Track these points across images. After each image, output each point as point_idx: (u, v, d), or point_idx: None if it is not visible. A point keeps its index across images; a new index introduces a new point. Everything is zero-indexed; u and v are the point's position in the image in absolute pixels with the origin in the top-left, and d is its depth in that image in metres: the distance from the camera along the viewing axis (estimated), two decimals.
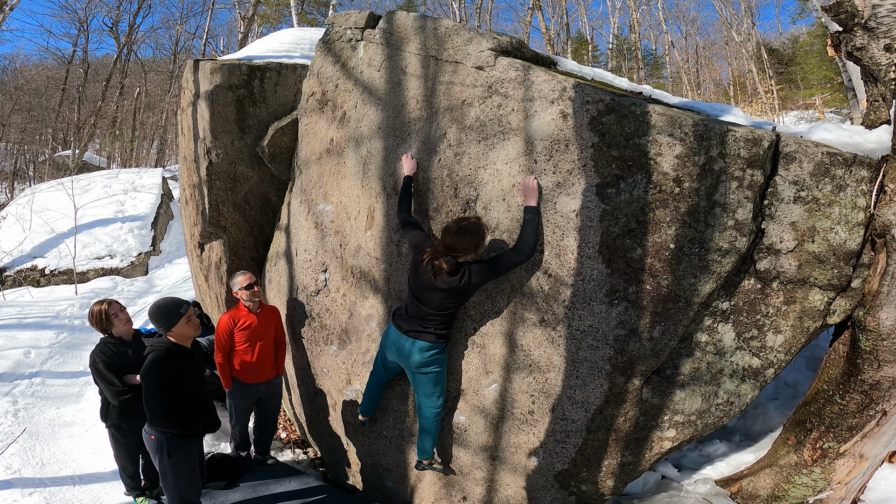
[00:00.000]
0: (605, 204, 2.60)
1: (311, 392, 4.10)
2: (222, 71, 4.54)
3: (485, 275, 2.75)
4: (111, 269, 9.42)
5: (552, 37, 23.30)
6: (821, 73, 21.59)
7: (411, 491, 3.54)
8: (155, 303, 2.99)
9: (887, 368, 2.43)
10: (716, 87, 30.58)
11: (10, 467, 4.17)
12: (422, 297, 2.89)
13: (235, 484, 3.82)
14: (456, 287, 2.77)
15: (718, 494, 3.00)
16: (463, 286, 2.76)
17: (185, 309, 2.96)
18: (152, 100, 27.15)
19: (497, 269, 2.74)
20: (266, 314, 3.88)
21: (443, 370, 3.03)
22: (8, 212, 11.12)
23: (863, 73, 2.83)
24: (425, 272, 2.81)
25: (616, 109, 2.57)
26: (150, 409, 2.87)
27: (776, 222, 2.51)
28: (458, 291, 2.79)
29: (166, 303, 2.97)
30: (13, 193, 19.16)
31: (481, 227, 2.75)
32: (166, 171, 17.58)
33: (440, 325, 2.91)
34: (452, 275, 2.74)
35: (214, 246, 4.99)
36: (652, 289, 2.59)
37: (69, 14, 26.65)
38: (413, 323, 2.94)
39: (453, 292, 2.80)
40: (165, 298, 3.02)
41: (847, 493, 2.79)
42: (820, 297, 2.53)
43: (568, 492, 3.01)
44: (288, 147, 4.53)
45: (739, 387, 2.69)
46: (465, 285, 2.76)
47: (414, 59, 3.18)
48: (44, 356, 6.20)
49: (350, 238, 3.57)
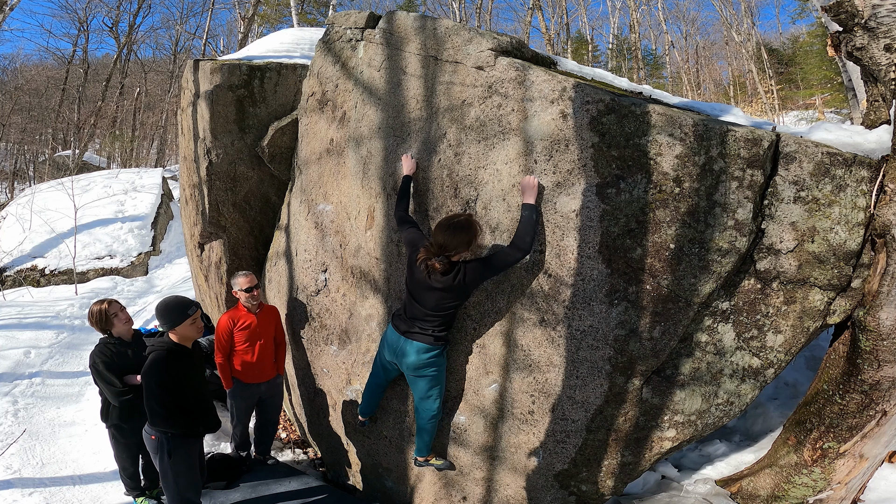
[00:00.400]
0: (605, 204, 2.60)
1: (311, 392, 4.10)
2: (222, 71, 4.54)
3: (480, 273, 2.73)
4: (111, 269, 9.42)
5: (552, 37, 23.29)
6: (821, 73, 21.59)
7: (411, 491, 3.54)
8: (164, 299, 2.99)
9: (887, 368, 2.43)
10: (716, 87, 30.57)
11: (10, 467, 4.18)
12: (419, 297, 2.88)
13: (235, 484, 3.82)
14: (451, 286, 2.75)
15: (718, 494, 3.00)
16: (457, 285, 2.74)
17: (192, 311, 2.97)
18: (152, 100, 27.15)
19: (493, 267, 2.72)
20: (266, 314, 3.88)
21: (441, 373, 3.01)
22: (8, 212, 11.13)
23: (863, 73, 2.83)
24: (420, 271, 2.81)
25: (616, 109, 2.57)
26: (150, 409, 2.87)
27: (776, 222, 2.51)
28: (453, 290, 2.78)
29: (177, 302, 2.97)
30: (13, 193, 19.16)
31: (473, 223, 2.73)
32: (166, 171, 17.58)
33: (438, 326, 2.90)
34: (446, 273, 2.73)
35: (214, 246, 4.99)
36: (652, 289, 2.59)
37: (69, 14, 26.67)
38: (411, 324, 2.93)
39: (449, 291, 2.78)
40: (176, 297, 3.02)
41: (847, 493, 2.78)
42: (820, 297, 2.53)
43: (568, 492, 3.01)
44: (288, 147, 4.53)
45: (739, 387, 2.69)
46: (459, 284, 2.74)
47: (414, 59, 3.18)
48: (44, 356, 6.20)
49: (350, 238, 3.57)
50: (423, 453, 3.20)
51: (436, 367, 2.97)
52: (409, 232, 2.96)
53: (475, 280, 2.76)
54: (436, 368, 2.97)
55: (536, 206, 2.67)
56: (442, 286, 2.77)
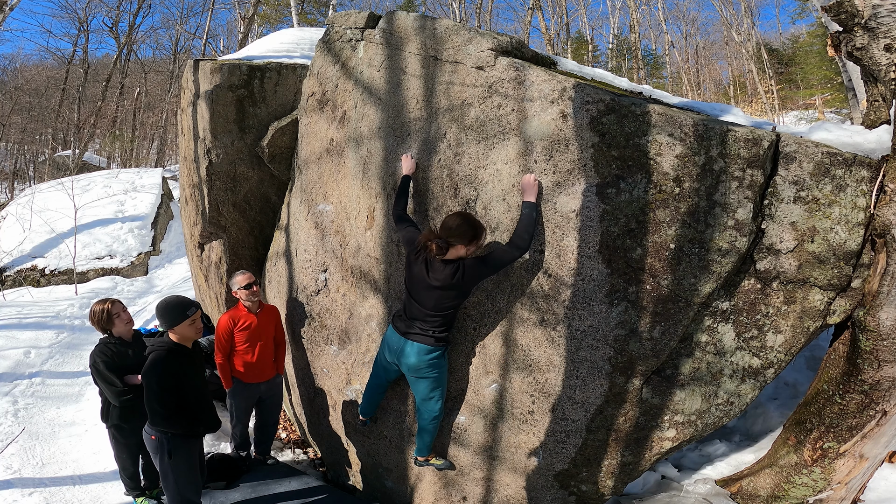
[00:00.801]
0: (605, 204, 2.60)
1: (311, 392, 4.10)
2: (222, 71, 4.54)
3: (478, 270, 2.72)
4: (111, 269, 9.42)
5: (552, 37, 23.29)
6: (821, 73, 21.58)
7: (411, 491, 3.54)
8: (165, 298, 3.00)
9: (887, 368, 2.43)
10: (716, 87, 30.57)
11: (10, 467, 4.17)
12: (418, 297, 2.87)
13: (235, 484, 3.82)
14: (449, 284, 2.74)
15: (718, 494, 3.00)
16: (456, 282, 2.73)
17: (192, 311, 2.97)
18: (152, 100, 27.14)
19: (491, 265, 2.72)
20: (266, 314, 3.88)
21: (442, 375, 3.00)
22: (8, 212, 11.13)
23: (863, 73, 2.83)
24: (419, 269, 2.80)
25: (616, 109, 2.57)
26: (151, 409, 2.87)
27: (776, 222, 2.51)
28: (452, 289, 2.77)
29: (177, 301, 2.98)
30: (13, 193, 19.17)
31: (482, 226, 2.75)
32: (166, 171, 17.57)
33: (439, 326, 2.89)
34: (446, 266, 2.72)
35: (214, 246, 4.99)
36: (652, 289, 2.59)
37: (69, 14, 26.67)
38: (411, 324, 2.93)
39: (448, 290, 2.77)
40: (177, 297, 3.02)
41: (847, 493, 2.78)
42: (820, 297, 2.53)
43: (568, 492, 3.01)
44: (288, 147, 4.53)
45: (739, 387, 2.69)
46: (458, 281, 2.73)
47: (414, 59, 3.18)
48: (44, 356, 6.20)
49: (350, 238, 3.57)
50: (424, 453, 3.20)
51: (437, 370, 2.96)
52: (408, 231, 2.95)
53: (473, 278, 2.75)
54: (437, 370, 2.96)
55: (536, 204, 2.68)
56: (441, 284, 2.76)
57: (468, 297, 2.92)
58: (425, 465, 3.24)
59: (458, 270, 2.72)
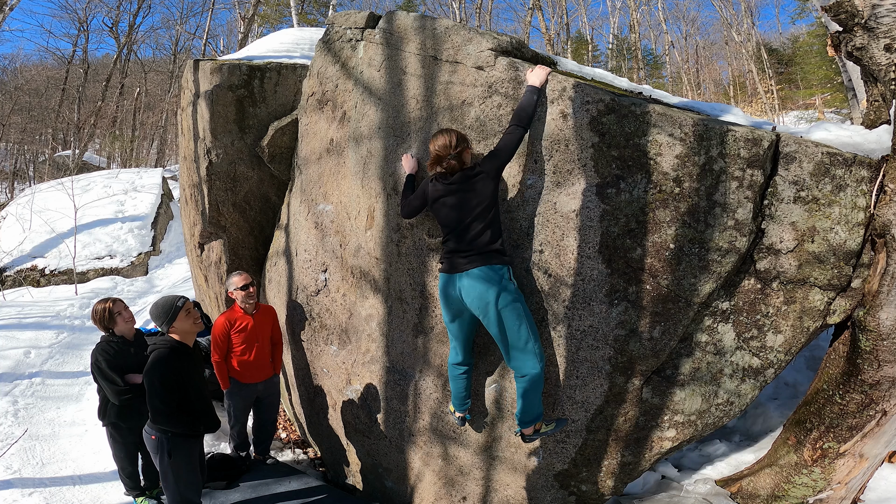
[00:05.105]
0: (605, 204, 2.60)
1: (310, 392, 4.10)
2: (222, 71, 4.54)
3: (492, 160, 2.66)
4: (111, 269, 9.42)
5: (552, 37, 23.29)
6: (821, 73, 21.59)
7: (411, 491, 3.54)
8: (154, 302, 3.03)
9: (887, 368, 2.43)
10: (716, 87, 30.57)
11: (10, 467, 4.18)
12: (459, 221, 2.70)
13: (235, 484, 3.82)
14: (471, 177, 2.67)
15: (718, 494, 2.99)
16: (478, 174, 2.66)
17: (182, 302, 2.98)
18: (152, 100, 27.14)
19: (501, 151, 2.64)
20: (262, 315, 3.88)
21: (520, 298, 2.66)
22: (8, 212, 11.13)
23: (863, 73, 2.83)
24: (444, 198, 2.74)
25: (616, 109, 2.57)
26: (153, 408, 2.87)
27: (776, 222, 2.51)
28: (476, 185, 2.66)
29: (165, 300, 3.00)
30: (13, 193, 19.17)
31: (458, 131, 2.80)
32: (166, 171, 17.57)
33: (491, 238, 2.65)
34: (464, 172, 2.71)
35: (214, 246, 4.99)
36: (652, 289, 2.59)
37: (69, 14, 26.66)
38: (467, 255, 2.68)
39: (472, 190, 2.66)
40: (163, 297, 3.05)
41: (847, 493, 2.78)
42: (820, 297, 2.53)
43: (568, 492, 3.01)
44: (288, 147, 4.52)
45: (739, 387, 2.69)
46: (479, 173, 2.66)
47: (414, 58, 3.18)
48: (44, 356, 6.20)
49: (350, 238, 3.57)
50: (530, 422, 2.73)
51: (513, 294, 2.62)
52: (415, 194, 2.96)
53: (492, 169, 2.66)
54: (514, 294, 2.62)
55: (541, 88, 2.69)
56: (469, 187, 2.67)
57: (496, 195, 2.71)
58: (535, 437, 2.80)
59: (475, 166, 2.70)
